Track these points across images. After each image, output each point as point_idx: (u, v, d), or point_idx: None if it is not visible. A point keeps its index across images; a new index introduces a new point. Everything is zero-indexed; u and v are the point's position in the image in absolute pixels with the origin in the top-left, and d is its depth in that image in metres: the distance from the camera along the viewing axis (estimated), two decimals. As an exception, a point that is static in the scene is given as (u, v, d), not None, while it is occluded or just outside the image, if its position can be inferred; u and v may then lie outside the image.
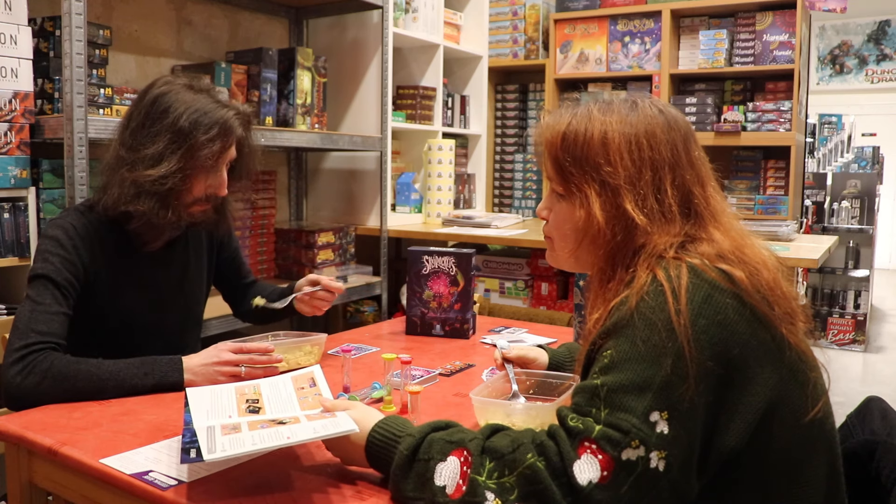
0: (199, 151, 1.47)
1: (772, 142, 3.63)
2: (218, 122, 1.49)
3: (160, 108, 1.48)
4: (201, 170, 1.51)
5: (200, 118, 1.47)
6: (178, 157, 1.46)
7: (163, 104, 1.49)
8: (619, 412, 0.86)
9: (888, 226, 8.37)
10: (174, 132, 1.47)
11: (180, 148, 1.47)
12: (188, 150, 1.47)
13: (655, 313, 0.89)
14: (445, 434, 0.97)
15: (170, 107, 1.48)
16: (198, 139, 1.47)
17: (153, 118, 1.49)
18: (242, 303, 1.92)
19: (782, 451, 0.92)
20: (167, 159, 1.46)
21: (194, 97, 1.50)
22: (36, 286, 1.43)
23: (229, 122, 1.51)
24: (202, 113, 1.48)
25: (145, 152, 1.47)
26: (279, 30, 3.24)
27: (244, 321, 1.99)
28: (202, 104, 1.49)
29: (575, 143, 1.03)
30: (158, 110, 1.48)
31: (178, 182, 1.47)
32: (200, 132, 1.47)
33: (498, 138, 4.45)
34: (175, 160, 1.46)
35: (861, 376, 4.53)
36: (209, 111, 1.49)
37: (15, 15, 1.98)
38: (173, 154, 1.46)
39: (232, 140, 1.53)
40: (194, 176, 1.50)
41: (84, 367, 1.35)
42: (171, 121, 1.47)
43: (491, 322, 2.14)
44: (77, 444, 1.14)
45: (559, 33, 4.12)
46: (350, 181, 3.36)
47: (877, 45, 8.50)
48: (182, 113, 1.47)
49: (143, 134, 1.49)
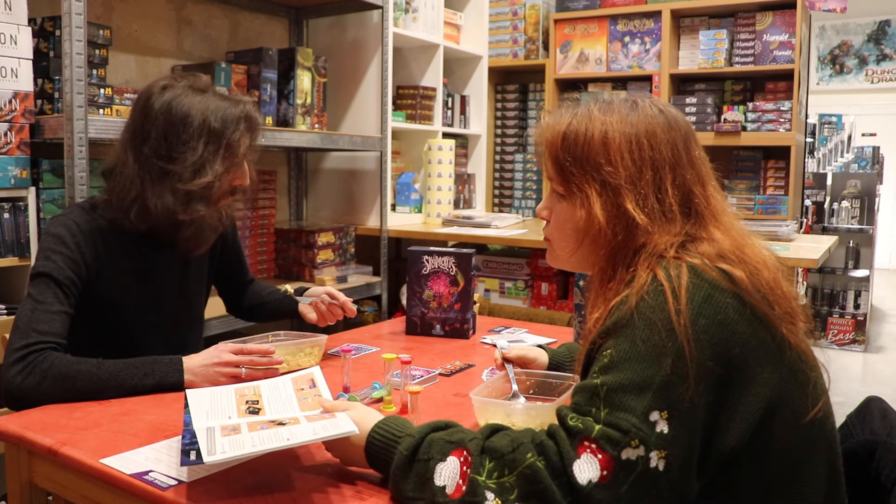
0: (236, 149, 1.50)
1: (772, 142, 3.63)
2: (244, 116, 1.52)
3: (178, 114, 1.47)
4: (237, 165, 1.53)
5: (226, 116, 1.49)
6: (221, 158, 1.49)
7: (179, 111, 1.47)
8: (619, 412, 0.86)
9: (888, 226, 8.37)
10: (208, 135, 1.48)
11: (219, 149, 1.49)
12: (226, 149, 1.49)
13: (655, 313, 0.89)
14: (445, 434, 0.97)
15: (188, 112, 1.47)
16: (233, 137, 1.49)
17: (176, 125, 1.47)
18: (240, 301, 1.94)
19: (782, 450, 0.92)
20: (209, 163, 1.48)
21: (205, 98, 1.51)
22: (37, 284, 1.42)
23: (252, 114, 1.55)
24: (224, 110, 1.50)
25: (187, 161, 1.46)
26: (279, 30, 3.24)
27: (238, 317, 2.00)
28: (217, 103, 1.50)
29: (575, 142, 1.03)
30: (178, 117, 1.47)
31: (223, 183, 1.51)
32: (231, 129, 1.49)
33: (498, 138, 4.45)
34: (219, 162, 1.49)
35: (861, 376, 4.53)
36: (228, 107, 1.51)
37: (15, 15, 1.98)
38: (214, 156, 1.48)
39: (259, 130, 1.57)
40: (231, 172, 1.53)
41: (84, 367, 1.35)
42: (198, 125, 1.47)
43: (491, 322, 2.14)
44: (77, 444, 1.14)
45: (559, 33, 4.12)
46: (350, 181, 3.36)
47: (877, 45, 8.50)
48: (207, 115, 1.48)
49: (173, 143, 1.47)
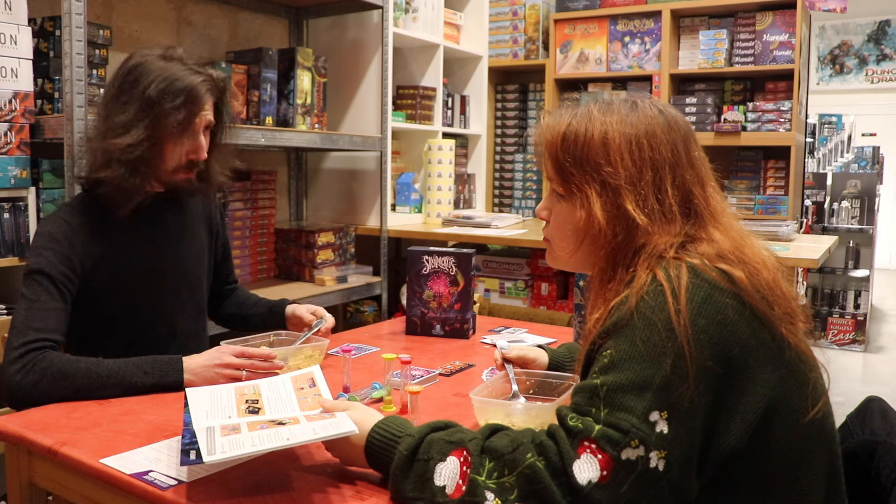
0: (165, 119, 1.50)
1: (772, 142, 3.63)
2: (185, 90, 1.51)
3: (132, 78, 1.52)
4: (170, 137, 1.53)
5: (168, 86, 1.50)
6: (146, 125, 1.50)
7: (135, 74, 1.52)
8: (619, 412, 0.86)
9: (888, 226, 8.37)
10: (142, 101, 1.50)
11: (147, 116, 1.50)
12: (155, 118, 1.50)
13: (655, 313, 0.89)
14: (445, 434, 0.97)
15: (141, 76, 1.51)
16: (164, 107, 1.49)
17: (125, 88, 1.52)
18: (221, 305, 1.91)
19: (782, 450, 0.92)
20: (135, 128, 1.49)
21: (166, 65, 1.53)
22: (30, 283, 1.43)
23: (197, 89, 1.53)
24: (171, 81, 1.51)
25: (115, 121, 1.51)
26: (279, 30, 3.24)
27: (217, 323, 1.98)
28: (173, 72, 1.52)
29: (575, 143, 1.03)
30: (131, 80, 1.52)
31: (146, 150, 1.50)
32: (167, 101, 1.49)
33: (498, 138, 4.45)
34: (142, 128, 1.50)
35: (861, 376, 4.53)
36: (179, 78, 1.51)
37: (15, 15, 1.98)
38: (140, 122, 1.50)
39: (200, 106, 1.55)
40: (164, 143, 1.53)
41: (83, 365, 1.35)
42: (140, 90, 1.50)
43: (491, 322, 2.14)
44: (77, 444, 1.14)
45: (559, 33, 4.12)
46: (350, 181, 3.36)
47: (877, 45, 8.50)
48: (152, 81, 1.50)
49: (115, 104, 1.53)
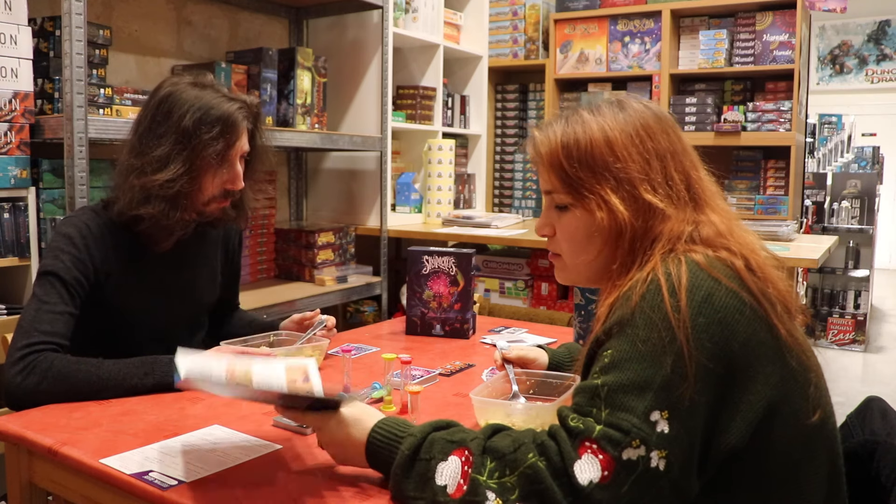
0: (204, 151, 1.46)
1: (772, 142, 3.63)
2: (221, 119, 1.47)
3: (165, 109, 1.48)
4: (209, 168, 1.49)
5: (204, 116, 1.46)
6: (184, 158, 1.46)
7: (168, 105, 1.48)
8: (620, 412, 0.86)
9: (888, 226, 8.37)
10: (178, 132, 1.46)
11: (185, 149, 1.46)
12: (192, 150, 1.46)
13: (655, 312, 0.89)
14: (446, 434, 0.97)
15: (174, 106, 1.47)
16: (201, 138, 1.45)
17: (158, 120, 1.48)
18: (221, 327, 1.83)
19: (783, 450, 0.92)
20: (173, 162, 1.45)
21: (199, 94, 1.49)
22: (43, 284, 1.42)
23: (233, 117, 1.49)
24: (205, 110, 1.47)
25: (152, 155, 1.46)
26: (279, 30, 3.24)
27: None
28: (206, 100, 1.48)
29: (577, 148, 1.03)
30: (164, 111, 1.48)
31: (186, 184, 1.46)
32: (204, 131, 1.46)
33: (498, 138, 4.45)
34: (180, 162, 1.45)
35: (861, 376, 4.53)
36: (213, 107, 1.47)
37: (15, 15, 1.98)
38: (179, 156, 1.45)
39: (237, 135, 1.51)
40: (203, 175, 1.49)
41: (84, 367, 1.35)
42: (175, 120, 1.46)
43: (491, 322, 2.14)
44: (77, 444, 1.14)
45: (559, 33, 4.11)
46: (350, 181, 3.36)
47: (877, 45, 8.50)
48: (186, 111, 1.46)
49: (149, 137, 1.48)
